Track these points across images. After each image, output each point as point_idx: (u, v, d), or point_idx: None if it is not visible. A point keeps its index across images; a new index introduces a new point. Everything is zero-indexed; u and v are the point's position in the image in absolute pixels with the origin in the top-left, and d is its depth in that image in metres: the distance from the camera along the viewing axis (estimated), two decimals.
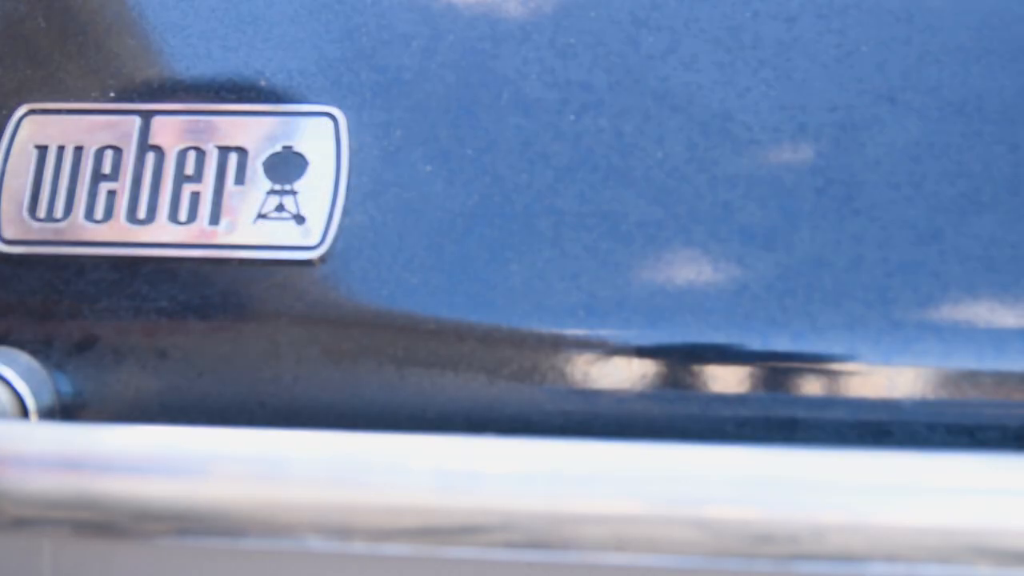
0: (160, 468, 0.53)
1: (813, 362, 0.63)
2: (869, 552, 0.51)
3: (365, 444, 0.53)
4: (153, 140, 0.69)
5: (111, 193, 0.68)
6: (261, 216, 0.67)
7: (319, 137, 0.68)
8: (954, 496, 0.51)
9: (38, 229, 0.68)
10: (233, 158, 0.68)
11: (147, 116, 0.70)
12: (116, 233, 0.68)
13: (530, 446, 0.53)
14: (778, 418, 0.64)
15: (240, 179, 0.68)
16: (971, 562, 0.50)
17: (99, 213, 0.68)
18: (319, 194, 0.67)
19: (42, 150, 0.70)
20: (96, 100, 0.71)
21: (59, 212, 0.68)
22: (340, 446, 0.53)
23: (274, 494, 0.53)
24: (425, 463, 0.53)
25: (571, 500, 0.51)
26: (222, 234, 0.67)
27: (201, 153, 0.69)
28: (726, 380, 0.64)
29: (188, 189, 0.68)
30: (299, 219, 0.67)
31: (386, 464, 0.53)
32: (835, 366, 0.63)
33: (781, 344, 0.64)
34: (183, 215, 0.68)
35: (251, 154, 0.68)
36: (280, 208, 0.67)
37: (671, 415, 0.64)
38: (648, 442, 0.53)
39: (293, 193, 0.67)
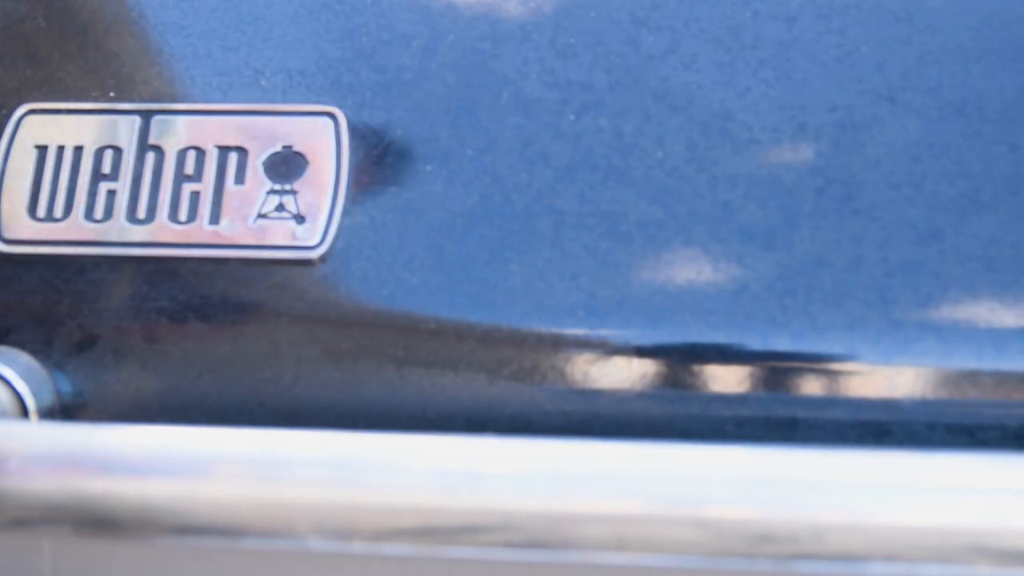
0: (160, 468, 0.53)
1: (813, 362, 0.63)
2: (869, 552, 0.51)
3: (365, 444, 0.53)
4: (153, 140, 0.69)
5: (111, 193, 0.69)
6: (261, 216, 0.67)
7: (319, 137, 0.68)
8: (954, 496, 0.51)
9: (38, 229, 0.68)
10: (233, 158, 0.68)
11: (147, 116, 0.70)
12: (116, 233, 0.68)
13: (530, 446, 0.53)
14: (778, 418, 0.64)
15: (240, 179, 0.68)
16: (971, 562, 0.50)
17: (99, 213, 0.68)
18: (319, 194, 0.67)
19: (42, 150, 0.70)
20: (96, 100, 0.71)
21: (59, 212, 0.68)
22: (340, 446, 0.53)
23: (274, 494, 0.53)
24: (425, 463, 0.53)
25: (571, 500, 0.51)
26: (222, 234, 0.67)
27: (201, 153, 0.69)
28: (726, 380, 0.64)
29: (188, 189, 0.68)
30: (299, 219, 0.67)
31: (386, 464, 0.53)
32: (835, 366, 0.63)
33: (781, 344, 0.64)
34: (183, 215, 0.68)
35: (251, 154, 0.68)
36: (280, 208, 0.67)
37: (671, 415, 0.64)
38: (648, 442, 0.53)
39: (293, 193, 0.67)
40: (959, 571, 0.51)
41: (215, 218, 0.67)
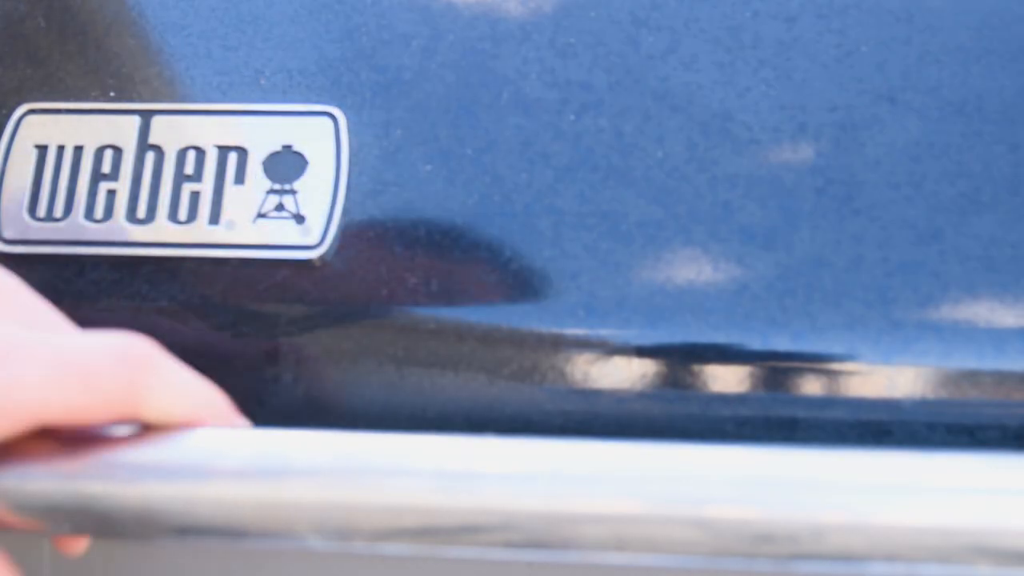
0: (160, 468, 0.53)
1: (813, 362, 0.64)
2: (869, 552, 0.51)
3: (365, 444, 0.53)
4: (153, 140, 0.69)
5: (111, 193, 0.69)
6: (261, 215, 0.67)
7: (319, 137, 0.68)
8: (954, 496, 0.51)
9: (38, 228, 0.68)
10: (233, 157, 0.68)
11: (147, 115, 0.70)
12: (116, 232, 0.68)
13: (530, 446, 0.53)
14: (778, 418, 0.64)
15: (240, 178, 0.68)
16: (971, 562, 0.50)
17: (99, 213, 0.68)
18: (319, 194, 0.67)
19: (42, 150, 0.70)
20: (96, 100, 0.71)
21: (59, 211, 0.68)
22: (340, 446, 0.53)
23: (274, 494, 0.52)
24: (425, 463, 0.52)
25: (571, 500, 0.51)
26: (222, 234, 0.67)
27: (201, 152, 0.69)
28: (726, 380, 0.64)
29: (188, 189, 0.68)
30: (299, 218, 0.67)
31: (386, 464, 0.53)
32: (835, 366, 0.63)
33: (781, 344, 0.64)
34: (183, 215, 0.68)
35: (251, 154, 0.68)
36: (280, 207, 0.67)
37: (671, 415, 0.64)
38: (648, 442, 0.53)
39: (293, 192, 0.67)
40: (959, 571, 0.51)
41: (215, 218, 0.67)
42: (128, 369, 0.50)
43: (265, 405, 0.66)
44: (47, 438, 0.53)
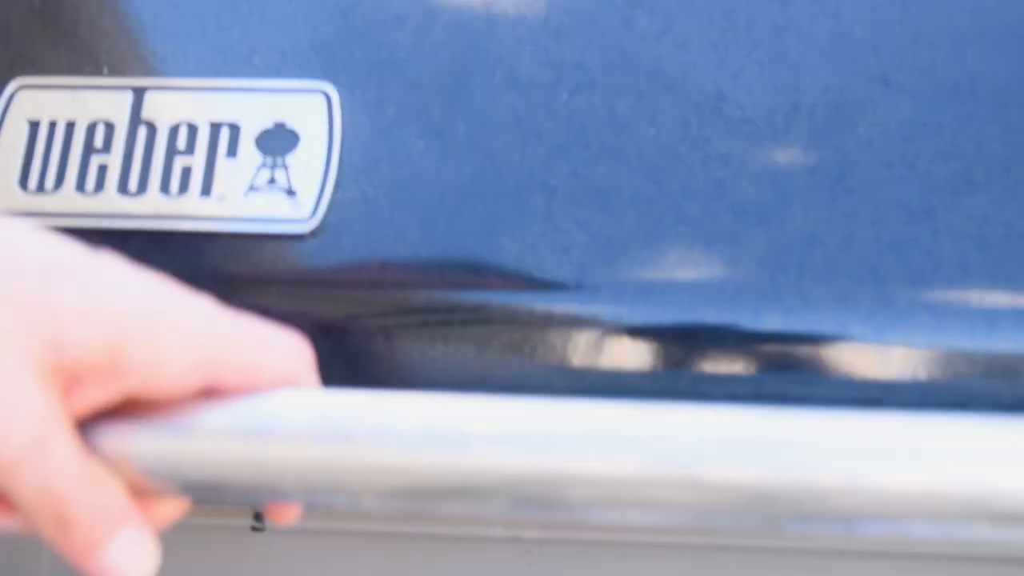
0: (145, 428, 0.52)
1: (806, 339, 0.63)
2: (864, 512, 0.50)
3: (354, 402, 0.53)
4: (145, 115, 0.69)
5: (102, 167, 0.68)
6: (252, 189, 0.67)
7: (312, 113, 0.68)
8: (950, 458, 0.50)
9: (29, 201, 0.68)
10: (225, 133, 0.68)
11: (140, 91, 0.70)
12: (107, 205, 0.67)
13: (521, 406, 0.53)
14: (771, 395, 0.63)
15: (232, 153, 0.68)
16: (968, 520, 0.50)
17: (90, 186, 0.68)
18: (311, 169, 0.67)
19: (34, 125, 0.69)
20: (89, 75, 0.71)
21: (50, 184, 0.68)
22: (328, 405, 0.53)
23: (261, 453, 0.52)
24: (415, 422, 0.52)
25: (564, 460, 0.51)
26: (213, 207, 0.67)
27: (193, 128, 0.69)
28: (719, 357, 0.64)
29: (180, 163, 0.68)
30: (290, 193, 0.67)
31: (374, 424, 0.52)
32: (828, 343, 0.63)
33: (774, 322, 0.63)
34: (174, 188, 0.67)
35: (243, 129, 0.68)
36: (272, 182, 0.67)
37: (663, 391, 0.64)
38: (642, 402, 0.53)
39: (285, 167, 0.67)
40: (955, 531, 0.50)
41: (206, 191, 0.67)
42: (299, 345, 0.54)
43: None
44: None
